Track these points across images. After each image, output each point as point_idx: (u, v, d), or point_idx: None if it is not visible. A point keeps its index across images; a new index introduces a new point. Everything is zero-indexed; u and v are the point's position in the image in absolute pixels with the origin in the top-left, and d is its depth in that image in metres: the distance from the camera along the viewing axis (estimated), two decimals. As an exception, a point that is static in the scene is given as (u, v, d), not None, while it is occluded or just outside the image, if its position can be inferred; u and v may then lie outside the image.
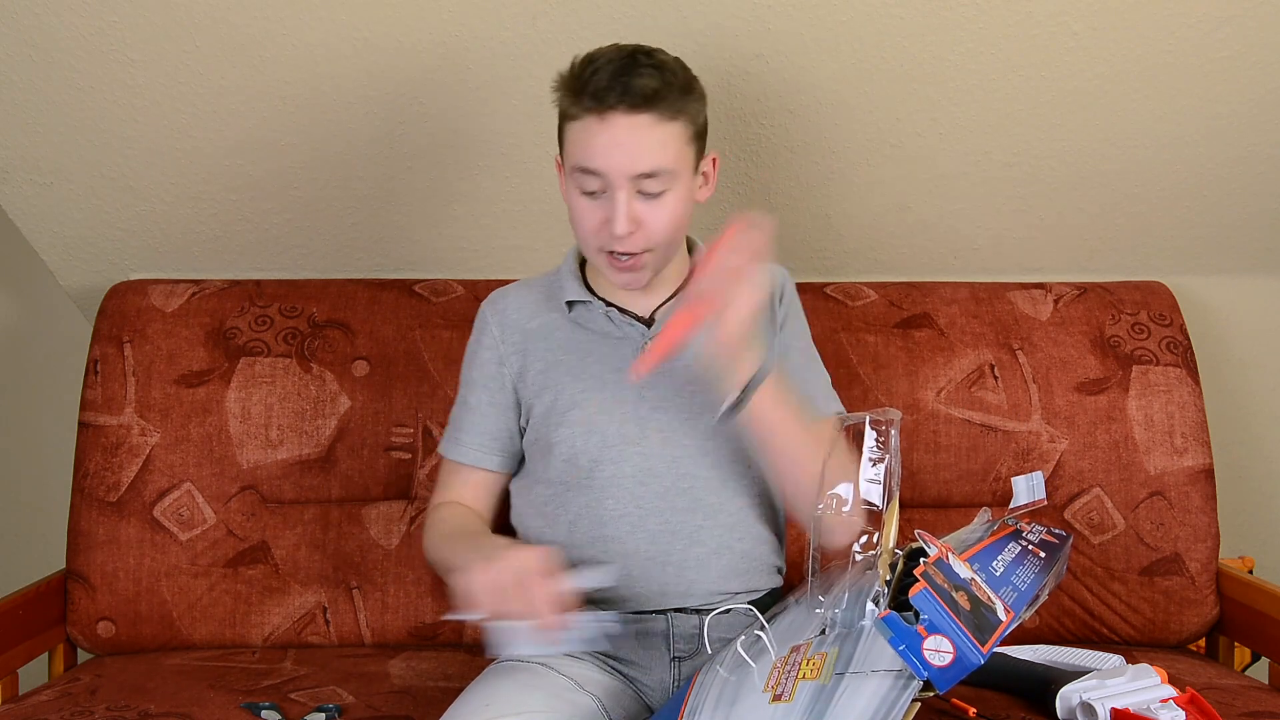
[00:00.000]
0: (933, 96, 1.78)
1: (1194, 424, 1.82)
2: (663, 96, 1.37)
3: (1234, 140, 1.85)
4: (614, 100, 1.36)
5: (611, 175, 1.37)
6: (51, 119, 1.75)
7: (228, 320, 1.83)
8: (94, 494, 1.76)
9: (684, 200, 1.42)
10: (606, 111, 1.36)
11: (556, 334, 1.52)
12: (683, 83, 1.40)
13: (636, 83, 1.36)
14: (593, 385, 1.48)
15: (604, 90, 1.36)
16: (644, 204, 1.39)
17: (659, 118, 1.37)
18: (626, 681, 1.42)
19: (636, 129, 1.36)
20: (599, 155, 1.37)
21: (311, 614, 1.75)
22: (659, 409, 1.46)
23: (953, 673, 1.07)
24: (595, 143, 1.37)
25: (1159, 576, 1.78)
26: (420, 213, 1.93)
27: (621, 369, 1.48)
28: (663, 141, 1.38)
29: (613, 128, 1.36)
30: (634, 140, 1.37)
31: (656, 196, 1.39)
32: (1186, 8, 1.66)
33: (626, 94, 1.35)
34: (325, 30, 1.67)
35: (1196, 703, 1.36)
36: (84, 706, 1.49)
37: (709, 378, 1.33)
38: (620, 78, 1.36)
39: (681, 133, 1.40)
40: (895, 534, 1.22)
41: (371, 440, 1.78)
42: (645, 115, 1.36)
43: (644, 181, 1.38)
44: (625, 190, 1.38)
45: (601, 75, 1.37)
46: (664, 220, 1.40)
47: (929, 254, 2.02)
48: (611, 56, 1.39)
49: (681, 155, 1.40)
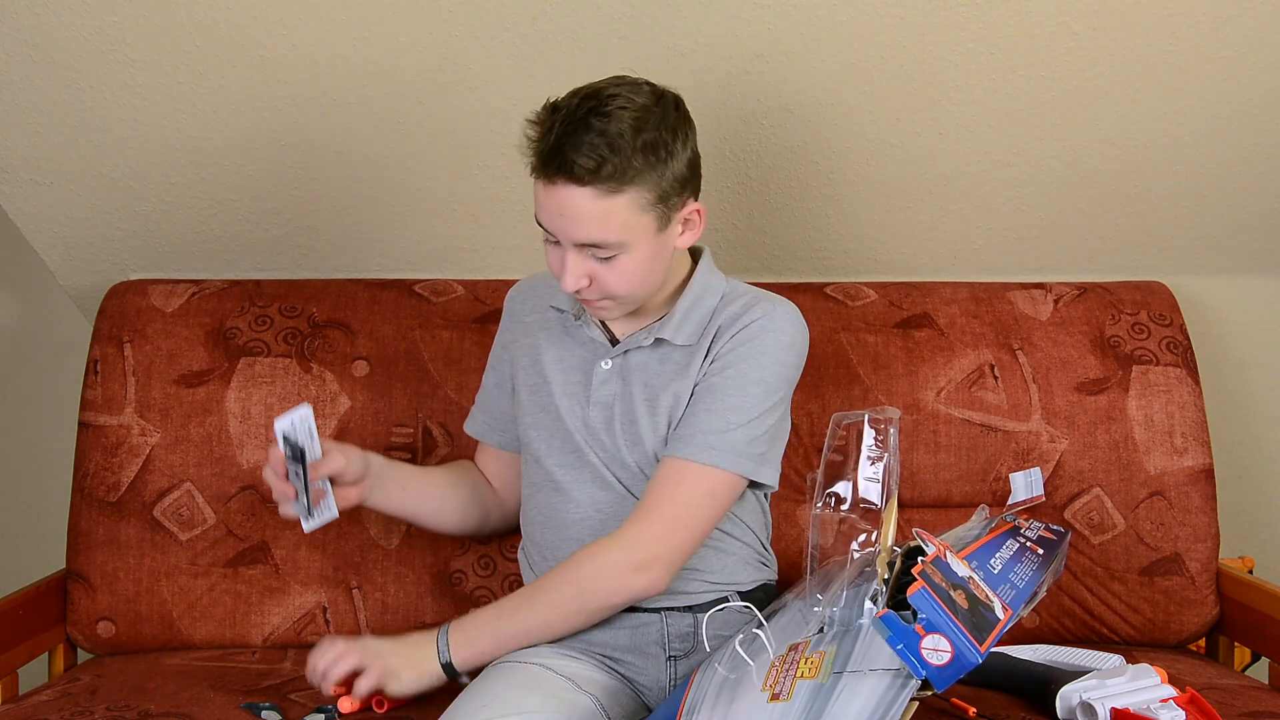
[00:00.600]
0: (933, 96, 1.78)
1: (1194, 424, 1.82)
2: (603, 174, 1.31)
3: (1234, 140, 1.85)
4: (553, 171, 1.32)
5: (558, 236, 1.36)
6: (51, 119, 1.76)
7: (228, 320, 1.83)
8: (94, 494, 1.76)
9: (645, 259, 1.38)
10: (551, 178, 1.33)
11: (542, 333, 1.54)
12: (639, 148, 1.32)
13: (574, 159, 1.30)
14: (554, 391, 1.50)
15: (548, 157, 1.32)
16: (598, 264, 1.37)
17: (601, 192, 1.32)
18: (624, 681, 1.42)
19: (576, 201, 1.33)
20: (546, 218, 1.36)
21: (311, 614, 1.75)
22: (603, 429, 1.47)
23: (951, 672, 1.07)
24: (543, 205, 1.36)
25: (1159, 576, 1.78)
26: (420, 213, 1.93)
27: (580, 381, 1.49)
28: (604, 215, 1.33)
29: (555, 196, 1.34)
30: (574, 212, 1.33)
31: (609, 259, 1.37)
32: (1186, 8, 1.66)
33: (563, 168, 1.31)
34: (325, 30, 1.67)
35: (1196, 703, 1.36)
36: (84, 706, 1.48)
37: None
38: (562, 149, 1.31)
39: (630, 204, 1.34)
40: (893, 532, 1.22)
41: (371, 440, 1.78)
42: (588, 189, 1.32)
43: (591, 249, 1.36)
44: (573, 252, 1.36)
45: (549, 138, 1.32)
46: (618, 280, 1.38)
47: (929, 254, 2.01)
48: (566, 115, 1.33)
49: (632, 225, 1.35)
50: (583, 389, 1.48)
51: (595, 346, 1.50)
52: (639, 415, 1.45)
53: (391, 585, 1.76)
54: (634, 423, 1.46)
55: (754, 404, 1.41)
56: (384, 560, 1.76)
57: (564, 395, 1.49)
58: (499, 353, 1.62)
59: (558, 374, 1.50)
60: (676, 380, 1.45)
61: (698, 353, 1.45)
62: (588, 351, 1.50)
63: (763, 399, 1.42)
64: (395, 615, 1.75)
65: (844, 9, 1.66)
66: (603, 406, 1.47)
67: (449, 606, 1.75)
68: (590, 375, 1.48)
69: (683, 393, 1.45)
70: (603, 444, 1.46)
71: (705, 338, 1.46)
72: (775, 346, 1.43)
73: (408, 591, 1.76)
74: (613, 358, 1.48)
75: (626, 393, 1.47)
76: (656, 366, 1.47)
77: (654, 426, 1.45)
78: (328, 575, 1.76)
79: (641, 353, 1.47)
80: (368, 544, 1.77)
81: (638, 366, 1.47)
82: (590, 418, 1.47)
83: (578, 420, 1.48)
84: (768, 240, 1.98)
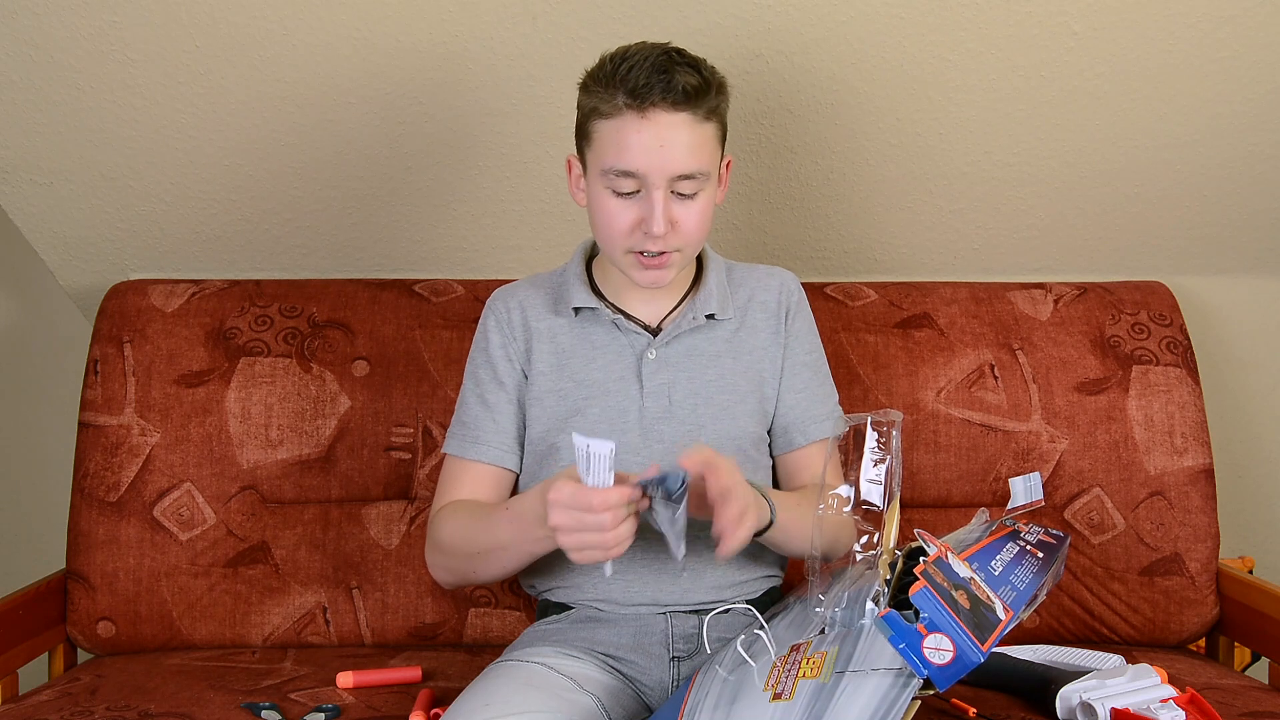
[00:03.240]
0: (933, 96, 1.78)
1: (1194, 424, 1.82)
2: (703, 95, 1.34)
3: (1234, 140, 1.85)
4: (656, 97, 1.32)
5: (650, 175, 1.35)
6: (51, 119, 1.76)
7: (228, 320, 1.83)
8: (94, 494, 1.76)
9: (712, 201, 1.41)
10: (647, 109, 1.33)
11: (560, 337, 1.51)
12: (718, 82, 1.38)
13: (678, 79, 1.32)
14: (596, 392, 1.48)
15: (644, 87, 1.32)
16: (678, 204, 1.38)
17: (697, 117, 1.35)
18: (626, 681, 1.42)
19: (677, 128, 1.34)
20: (637, 155, 1.34)
21: (311, 614, 1.75)
22: (662, 418, 1.47)
23: (953, 671, 1.07)
24: (633, 141, 1.34)
25: (1159, 576, 1.78)
26: (420, 213, 1.93)
27: (625, 376, 1.48)
28: (701, 142, 1.36)
29: (654, 125, 1.33)
30: (675, 139, 1.34)
31: (690, 197, 1.38)
32: (1186, 8, 1.67)
33: (669, 91, 1.32)
34: (325, 30, 1.67)
35: (1196, 703, 1.36)
36: (84, 706, 1.48)
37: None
38: (661, 74, 1.33)
39: (714, 134, 1.38)
40: (895, 534, 1.22)
41: (371, 440, 1.78)
42: (685, 114, 1.34)
43: (680, 183, 1.36)
44: (662, 190, 1.35)
45: (640, 72, 1.33)
46: (696, 221, 1.39)
47: (929, 254, 2.02)
48: (647, 53, 1.35)
49: (714, 157, 1.39)
50: (631, 383, 1.47)
51: (634, 337, 1.49)
52: (711, 394, 1.47)
53: (391, 585, 1.76)
54: (707, 403, 1.47)
55: (827, 368, 1.59)
56: (384, 560, 1.76)
57: (609, 393, 1.47)
58: (502, 365, 1.52)
59: (596, 373, 1.48)
60: (748, 356, 1.51)
61: (763, 330, 1.52)
62: (626, 343, 1.49)
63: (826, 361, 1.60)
64: (395, 615, 1.75)
65: (844, 9, 1.66)
66: (658, 396, 1.47)
67: (449, 606, 1.75)
68: (638, 367, 1.48)
69: (771, 368, 1.52)
70: (661, 433, 1.46)
71: (758, 311, 1.53)
72: (810, 312, 1.59)
73: (408, 591, 1.75)
74: (658, 347, 1.48)
75: (684, 377, 1.48)
76: (708, 346, 1.50)
77: (758, 399, 1.51)
78: (328, 575, 1.76)
79: (687, 335, 1.49)
80: (368, 544, 1.77)
81: (688, 349, 1.49)
82: (647, 409, 1.47)
83: (631, 415, 1.47)
84: (768, 240, 1.98)
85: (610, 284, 1.51)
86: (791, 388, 1.53)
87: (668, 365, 1.48)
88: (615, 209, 1.38)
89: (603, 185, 1.38)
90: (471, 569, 1.47)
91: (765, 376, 1.52)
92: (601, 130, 1.37)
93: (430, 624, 1.76)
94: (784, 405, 1.53)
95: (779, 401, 1.53)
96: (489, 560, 1.43)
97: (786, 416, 1.53)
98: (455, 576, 1.52)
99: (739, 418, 1.49)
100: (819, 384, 1.55)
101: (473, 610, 1.76)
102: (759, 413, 1.51)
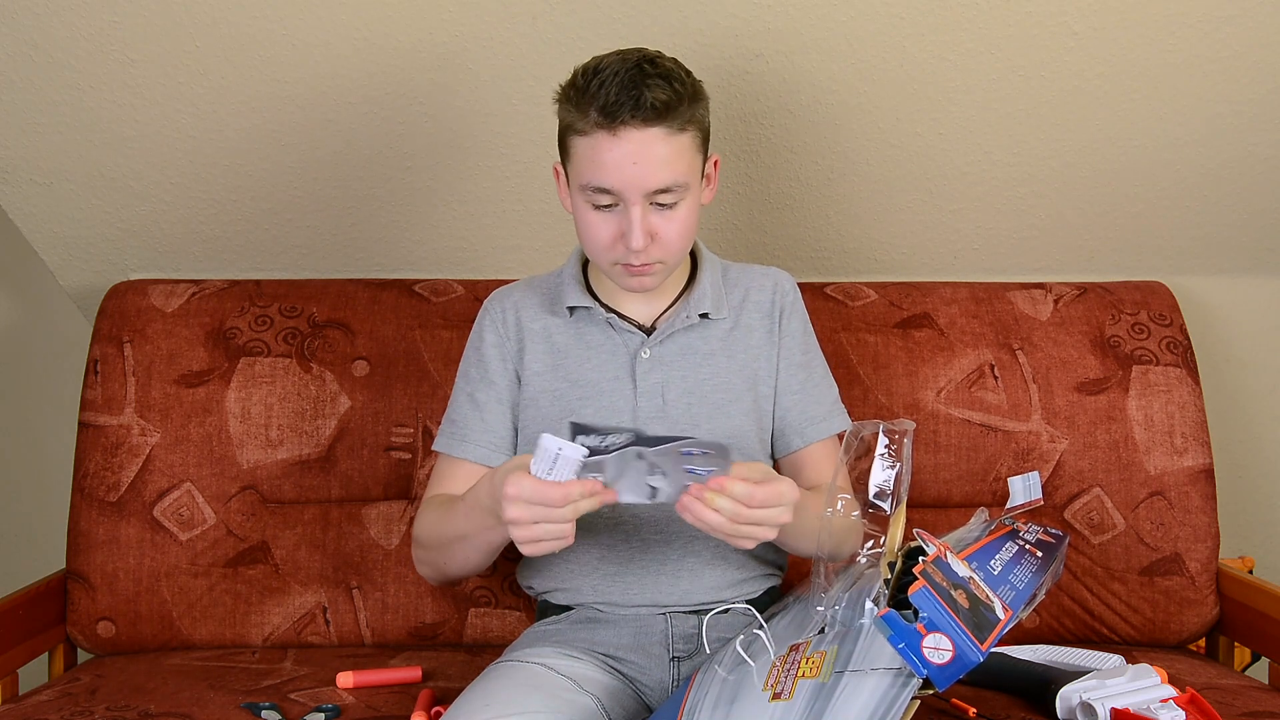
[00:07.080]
0: (933, 96, 1.78)
1: (1194, 424, 1.82)
2: (673, 108, 1.33)
3: (1234, 140, 1.85)
4: (625, 114, 1.31)
5: (626, 192, 1.34)
6: (51, 119, 1.76)
7: (228, 320, 1.83)
8: (94, 494, 1.76)
9: (695, 208, 1.41)
10: (618, 127, 1.32)
11: (555, 337, 1.52)
12: (691, 90, 1.36)
13: (648, 95, 1.31)
14: (590, 392, 1.48)
15: (614, 104, 1.31)
16: (657, 216, 1.37)
17: (671, 130, 1.33)
18: (626, 681, 1.42)
19: (649, 143, 1.33)
20: (611, 172, 1.34)
21: (311, 614, 1.75)
22: (656, 417, 1.47)
23: (952, 670, 1.07)
24: (606, 159, 1.33)
25: (1159, 576, 1.78)
26: (420, 213, 1.93)
27: (619, 375, 1.48)
28: (676, 154, 1.34)
29: (625, 143, 1.32)
30: (647, 156, 1.33)
31: (670, 208, 1.37)
32: (1186, 8, 1.66)
33: (638, 108, 1.31)
34: (325, 30, 1.67)
35: (1196, 703, 1.36)
36: (84, 706, 1.48)
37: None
38: (630, 90, 1.31)
39: (692, 142, 1.37)
40: (900, 538, 1.22)
41: (371, 440, 1.78)
42: (658, 129, 1.32)
43: (659, 195, 1.36)
44: (639, 205, 1.35)
45: (609, 89, 1.32)
46: (677, 231, 1.39)
47: (929, 254, 2.02)
48: (617, 68, 1.33)
49: (692, 165, 1.38)
50: (625, 382, 1.48)
51: (628, 336, 1.49)
52: (706, 393, 1.47)
53: (391, 585, 1.76)
54: (701, 401, 1.46)
55: (825, 363, 1.58)
56: (384, 560, 1.76)
57: (603, 393, 1.47)
58: (495, 365, 1.52)
59: (590, 373, 1.49)
60: (742, 355, 1.50)
61: (757, 330, 1.52)
62: (620, 342, 1.49)
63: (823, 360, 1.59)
64: (395, 615, 1.75)
65: (844, 9, 1.66)
66: (652, 395, 1.47)
67: (449, 606, 1.75)
68: (632, 366, 1.48)
69: (766, 367, 1.51)
70: (655, 432, 1.46)
71: (752, 311, 1.52)
72: (805, 312, 1.58)
73: (408, 591, 1.76)
74: (651, 346, 1.48)
75: (678, 376, 1.47)
76: (702, 345, 1.49)
77: (753, 398, 1.50)
78: (328, 575, 1.76)
79: (680, 334, 1.49)
80: (368, 544, 1.77)
81: (682, 348, 1.49)
82: (640, 409, 1.47)
83: (625, 415, 1.47)
84: (768, 240, 1.98)
85: (604, 284, 1.52)
86: (787, 389, 1.53)
87: (661, 364, 1.48)
88: (595, 222, 1.38)
89: (583, 199, 1.38)
90: (443, 561, 1.47)
91: (760, 375, 1.52)
92: (577, 146, 1.36)
93: (430, 624, 1.76)
94: (780, 408, 1.53)
95: (776, 404, 1.53)
96: (454, 552, 1.43)
97: (784, 420, 1.53)
98: (433, 570, 1.52)
99: (733, 416, 1.49)
100: (814, 385, 1.55)
101: (473, 610, 1.76)
102: (754, 411, 1.51)
